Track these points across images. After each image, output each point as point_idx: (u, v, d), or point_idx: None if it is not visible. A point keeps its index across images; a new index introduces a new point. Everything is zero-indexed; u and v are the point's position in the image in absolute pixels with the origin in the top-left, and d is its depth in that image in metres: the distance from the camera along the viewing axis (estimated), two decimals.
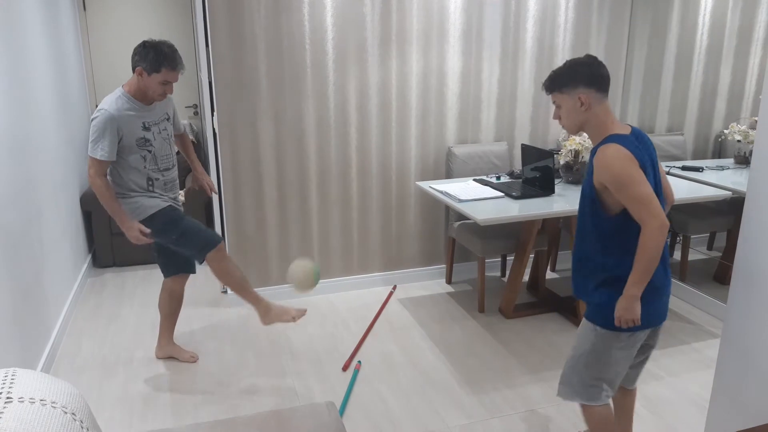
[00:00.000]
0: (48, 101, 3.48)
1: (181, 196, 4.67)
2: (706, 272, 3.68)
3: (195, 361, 3.12)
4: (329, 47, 3.55)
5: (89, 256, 4.46)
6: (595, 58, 1.97)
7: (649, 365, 3.04)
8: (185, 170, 4.98)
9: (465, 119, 3.93)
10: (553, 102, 2.02)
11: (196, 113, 5.41)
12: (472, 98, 3.91)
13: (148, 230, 2.77)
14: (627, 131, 1.95)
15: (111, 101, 2.66)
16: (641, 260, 1.87)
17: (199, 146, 5.26)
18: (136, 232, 2.73)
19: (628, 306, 1.92)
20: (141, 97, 2.73)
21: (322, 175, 3.74)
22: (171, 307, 3.07)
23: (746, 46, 3.31)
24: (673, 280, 3.84)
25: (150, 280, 4.23)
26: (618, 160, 1.82)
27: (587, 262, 2.04)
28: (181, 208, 2.95)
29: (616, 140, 1.88)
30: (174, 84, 2.73)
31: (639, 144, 1.93)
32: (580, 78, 1.93)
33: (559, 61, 4.01)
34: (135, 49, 2.66)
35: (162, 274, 3.04)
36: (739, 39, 3.35)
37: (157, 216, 2.79)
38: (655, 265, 1.88)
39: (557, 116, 2.03)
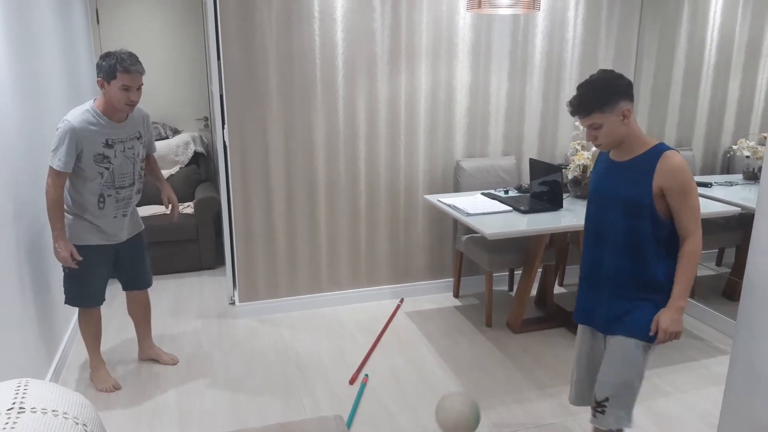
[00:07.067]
0: (62, 113, 3.52)
1: (191, 208, 4.70)
2: (714, 288, 3.66)
3: (175, 363, 3.25)
4: (339, 61, 3.58)
5: None
6: (614, 71, 1.95)
7: (658, 381, 3.03)
8: (195, 182, 5.01)
9: (473, 133, 3.95)
10: (590, 125, 1.93)
11: (206, 125, 5.46)
12: (481, 112, 3.93)
13: (79, 257, 2.73)
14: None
15: (77, 114, 2.63)
16: (688, 270, 1.89)
17: (210, 158, 5.30)
18: (66, 253, 2.68)
19: (677, 318, 1.91)
20: (110, 113, 2.67)
21: (330, 187, 3.76)
22: (138, 314, 3.20)
23: (755, 61, 3.31)
24: None
25: (159, 290, 4.25)
26: (687, 167, 1.88)
27: (633, 276, 2.00)
28: (115, 244, 2.87)
29: (672, 149, 1.91)
30: (136, 89, 2.62)
31: None
32: (619, 92, 1.90)
33: (568, 76, 4.03)
34: (96, 64, 2.63)
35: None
36: (747, 54, 3.36)
37: (77, 248, 2.75)
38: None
39: (593, 137, 1.95)
